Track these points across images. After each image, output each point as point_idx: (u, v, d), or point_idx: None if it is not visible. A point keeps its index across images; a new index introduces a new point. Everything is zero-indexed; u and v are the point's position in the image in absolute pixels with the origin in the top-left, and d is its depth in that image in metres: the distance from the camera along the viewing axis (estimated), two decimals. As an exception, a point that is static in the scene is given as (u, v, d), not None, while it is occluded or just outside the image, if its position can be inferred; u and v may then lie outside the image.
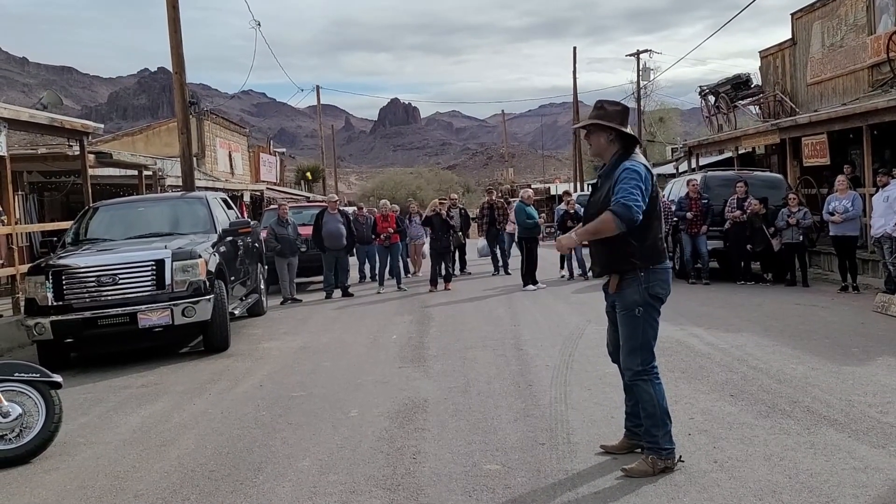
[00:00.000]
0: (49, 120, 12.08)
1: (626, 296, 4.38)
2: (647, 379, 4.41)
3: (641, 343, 4.41)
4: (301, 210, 18.18)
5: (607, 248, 4.39)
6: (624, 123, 4.48)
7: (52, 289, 8.33)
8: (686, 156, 24.62)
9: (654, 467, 4.32)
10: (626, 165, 4.33)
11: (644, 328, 4.40)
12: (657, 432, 4.37)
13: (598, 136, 4.50)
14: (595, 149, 4.59)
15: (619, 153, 4.44)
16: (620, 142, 4.47)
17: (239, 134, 35.55)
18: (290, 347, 9.29)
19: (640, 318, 4.37)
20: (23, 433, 5.36)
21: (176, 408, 6.61)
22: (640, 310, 4.35)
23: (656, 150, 42.39)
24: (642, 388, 4.42)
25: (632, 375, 4.46)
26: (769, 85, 22.31)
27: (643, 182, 4.28)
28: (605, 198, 4.35)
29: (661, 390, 4.45)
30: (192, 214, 10.43)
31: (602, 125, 4.46)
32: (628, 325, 4.42)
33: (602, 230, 4.26)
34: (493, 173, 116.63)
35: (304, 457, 5.02)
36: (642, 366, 4.41)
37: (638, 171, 4.29)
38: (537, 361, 7.54)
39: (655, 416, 4.38)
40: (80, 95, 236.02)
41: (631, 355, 4.43)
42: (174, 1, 14.49)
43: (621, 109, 4.51)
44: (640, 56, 38.93)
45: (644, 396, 4.41)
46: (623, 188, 4.22)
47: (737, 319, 9.61)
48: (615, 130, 4.45)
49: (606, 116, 4.46)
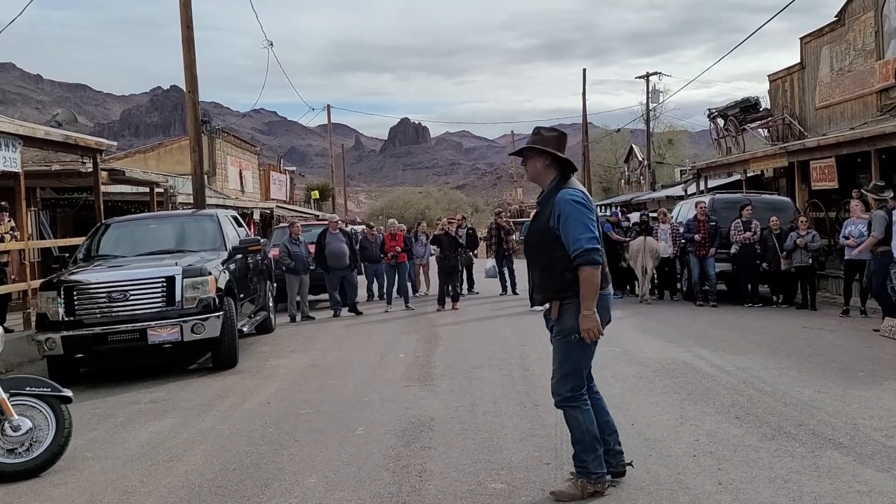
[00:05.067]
0: (63, 137, 12.22)
1: (565, 321, 4.33)
2: (575, 405, 4.38)
3: (574, 369, 4.39)
4: (310, 228, 18.26)
5: (548, 276, 4.37)
6: (560, 149, 4.45)
7: (63, 304, 8.40)
8: (695, 178, 24.68)
9: (584, 491, 4.32)
10: (567, 197, 4.28)
11: (578, 354, 4.37)
12: (587, 457, 4.35)
13: (535, 162, 4.48)
14: (531, 174, 4.55)
15: (557, 179, 4.43)
16: (557, 167, 4.45)
17: (250, 152, 35.80)
18: (297, 365, 9.33)
19: (574, 345, 4.33)
20: (33, 447, 5.40)
21: (184, 424, 6.65)
22: (577, 336, 4.30)
23: (665, 172, 42.43)
24: (571, 414, 4.39)
25: (560, 401, 4.43)
26: (778, 108, 22.37)
27: (589, 211, 4.28)
28: (546, 226, 4.33)
29: (591, 416, 4.40)
30: (203, 232, 10.52)
31: (538, 150, 4.45)
32: (562, 351, 4.40)
33: (595, 283, 4.20)
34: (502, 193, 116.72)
35: (311, 474, 5.05)
36: (571, 392, 4.38)
37: (577, 202, 4.26)
38: (543, 382, 7.50)
39: (585, 442, 4.35)
40: (94, 113, 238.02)
41: (561, 381, 4.41)
42: (188, 21, 14.69)
43: (558, 135, 4.49)
44: (650, 78, 39.03)
45: (573, 423, 4.39)
46: (572, 228, 4.20)
47: (744, 342, 9.61)
48: (551, 156, 4.43)
49: (543, 142, 4.45)
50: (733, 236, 13.87)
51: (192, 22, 14.74)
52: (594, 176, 48.10)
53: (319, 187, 53.81)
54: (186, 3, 14.65)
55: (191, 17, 14.71)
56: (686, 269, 14.68)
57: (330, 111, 48.79)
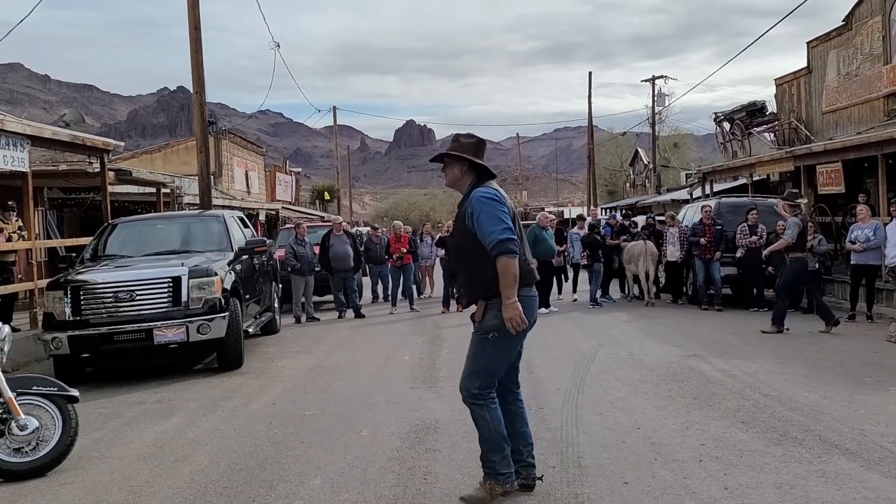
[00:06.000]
0: (71, 137, 12.26)
1: (487, 319, 4.33)
2: (482, 404, 4.37)
3: (485, 367, 4.37)
4: (316, 229, 18.28)
5: (472, 277, 4.41)
6: (478, 155, 4.47)
7: (70, 304, 8.42)
8: (700, 182, 24.63)
9: (493, 493, 4.32)
10: (478, 195, 4.32)
11: (492, 354, 4.35)
12: (494, 457, 4.34)
13: (453, 168, 4.51)
14: (450, 180, 4.58)
15: (473, 184, 4.45)
16: (474, 173, 4.47)
17: (255, 153, 35.84)
18: (302, 366, 9.35)
19: (490, 343, 4.32)
20: (39, 446, 5.42)
21: (189, 424, 6.67)
22: (495, 335, 4.30)
23: (670, 176, 42.37)
24: (477, 412, 4.38)
25: (467, 397, 4.41)
26: (784, 112, 22.33)
27: (500, 203, 4.28)
28: (464, 228, 4.35)
29: (498, 415, 4.38)
30: (209, 232, 10.53)
31: (456, 156, 4.47)
32: (477, 346, 4.40)
33: (514, 273, 4.18)
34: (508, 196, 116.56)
35: (316, 475, 5.06)
36: (479, 390, 4.37)
37: (488, 197, 4.29)
38: (549, 385, 7.55)
39: (492, 441, 4.35)
40: (100, 113, 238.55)
41: (470, 377, 4.41)
42: (196, 22, 14.72)
43: (476, 142, 4.52)
44: (656, 81, 38.96)
45: (480, 422, 4.38)
46: (486, 221, 4.22)
47: (749, 346, 9.60)
48: (468, 162, 4.45)
49: (460, 148, 4.49)
50: (739, 240, 13.85)
51: (200, 23, 14.78)
52: (599, 179, 48.07)
53: (325, 189, 53.86)
54: (194, 5, 14.69)
55: (199, 18, 14.74)
56: (691, 272, 14.66)
57: (336, 113, 48.80)
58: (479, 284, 4.34)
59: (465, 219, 4.36)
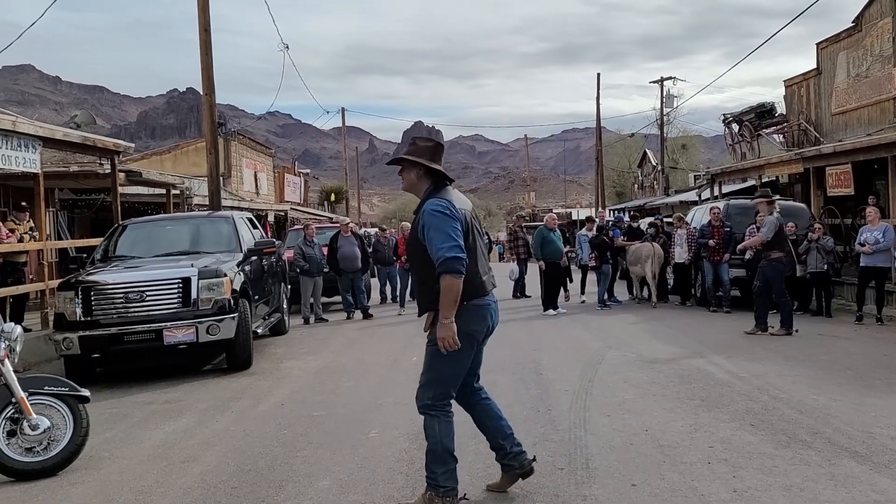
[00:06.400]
0: (82, 139, 12.33)
1: (437, 330, 4.31)
2: (434, 415, 4.33)
3: (438, 378, 4.35)
4: (324, 230, 18.33)
5: (422, 286, 4.41)
6: (435, 159, 4.36)
7: (80, 304, 8.47)
8: (709, 183, 24.58)
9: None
10: (429, 208, 4.22)
11: (445, 363, 4.30)
12: (437, 469, 4.30)
13: (409, 173, 4.39)
14: (406, 184, 4.48)
15: (430, 189, 4.36)
16: (430, 178, 4.38)
17: (264, 154, 35.97)
18: (311, 367, 9.37)
19: (442, 354, 4.28)
20: (50, 446, 5.46)
21: (199, 424, 6.70)
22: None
23: (679, 177, 42.27)
24: (428, 422, 4.34)
25: (421, 407, 4.39)
26: (793, 114, 22.27)
27: (451, 219, 4.17)
28: (416, 237, 4.30)
29: (449, 429, 4.34)
30: (218, 233, 10.58)
31: (412, 161, 4.35)
32: (429, 358, 4.38)
33: (455, 292, 4.14)
34: (515, 197, 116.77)
35: (325, 476, 5.08)
36: (432, 400, 4.34)
37: (439, 211, 4.18)
38: (556, 386, 7.56)
39: (437, 453, 4.30)
40: (111, 114, 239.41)
41: (425, 387, 4.39)
42: (206, 25, 14.79)
43: (433, 146, 4.38)
44: (664, 83, 38.88)
45: (428, 431, 4.34)
46: (436, 237, 4.13)
47: (758, 348, 9.58)
48: (424, 167, 4.35)
49: (416, 152, 4.35)
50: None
51: (210, 25, 14.84)
52: (607, 180, 47.97)
53: (333, 190, 53.97)
54: (204, 7, 14.75)
55: (208, 20, 14.81)
56: (700, 274, 14.64)
57: (344, 114, 48.84)
58: (429, 296, 4.31)
59: (417, 229, 4.29)
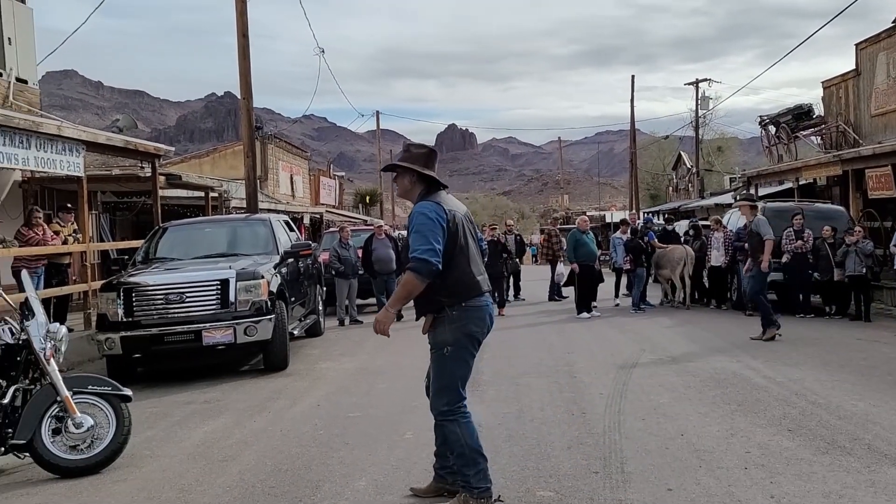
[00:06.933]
0: (124, 143, 12.58)
1: (437, 335, 4.38)
2: (453, 419, 4.38)
3: (448, 383, 4.39)
4: (359, 233, 18.45)
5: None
6: (428, 165, 4.48)
7: (122, 305, 8.64)
8: (745, 186, 24.30)
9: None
10: (416, 211, 4.37)
11: (452, 367, 4.38)
12: (469, 471, 4.33)
13: (403, 179, 4.53)
14: (401, 190, 4.62)
15: (423, 195, 4.46)
16: (423, 184, 4.48)
17: (300, 157, 36.29)
18: (346, 368, 9.46)
19: (447, 358, 4.35)
20: (94, 444, 5.57)
21: (237, 424, 6.81)
22: (449, 349, 4.34)
23: (714, 180, 41.82)
24: (449, 428, 4.39)
25: (437, 415, 4.43)
26: (832, 115, 21.92)
27: (434, 222, 4.27)
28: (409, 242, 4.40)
29: (471, 429, 4.39)
30: (256, 236, 10.72)
31: (405, 167, 4.48)
32: (436, 364, 4.43)
33: (409, 291, 4.27)
34: (548, 200, 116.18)
35: (361, 476, 5.14)
36: (448, 406, 4.38)
37: (424, 214, 4.30)
38: (591, 390, 7.55)
39: (465, 456, 4.34)
40: (150, 118, 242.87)
41: (437, 395, 4.43)
42: (244, 30, 15.00)
43: (426, 152, 4.53)
44: (699, 85, 38.51)
45: (451, 437, 4.38)
46: (414, 239, 4.26)
47: (795, 353, 9.47)
48: (417, 172, 4.46)
49: (409, 158, 4.50)
50: (785, 245, 13.66)
51: (248, 30, 15.05)
52: (641, 183, 47.61)
53: (368, 193, 54.27)
54: (242, 13, 14.96)
55: (246, 25, 15.02)
56: (735, 278, 14.49)
57: (378, 117, 49.09)
58: (424, 297, 4.37)
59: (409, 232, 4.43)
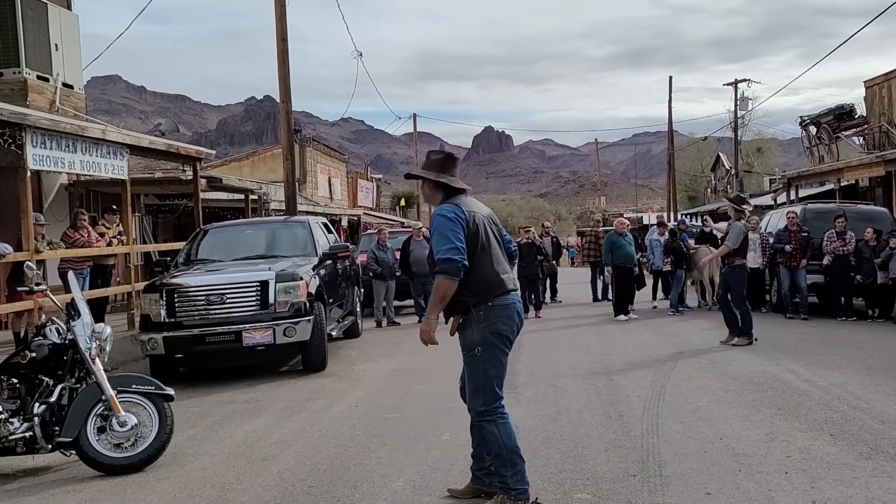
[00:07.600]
0: (166, 146, 12.83)
1: (466, 335, 4.42)
2: (490, 419, 4.37)
3: (483, 383, 4.39)
4: (397, 235, 18.56)
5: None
6: (444, 171, 4.54)
7: (165, 306, 8.80)
8: (784, 187, 23.93)
9: None
10: (435, 214, 4.47)
11: (485, 367, 4.38)
12: (506, 472, 4.32)
13: (425, 185, 4.64)
14: (425, 196, 4.78)
15: (443, 198, 4.53)
16: (442, 189, 4.55)
17: (338, 160, 36.55)
18: (384, 369, 9.53)
19: (479, 358, 4.37)
20: (137, 442, 5.67)
21: (276, 424, 6.90)
22: (480, 349, 4.36)
23: (753, 181, 41.20)
24: (486, 428, 4.38)
25: (475, 416, 4.44)
26: (874, 115, 21.49)
27: (453, 223, 4.33)
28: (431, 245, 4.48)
29: (508, 430, 4.38)
30: (295, 238, 10.84)
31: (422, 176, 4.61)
32: (469, 365, 4.45)
33: (444, 293, 4.31)
34: (585, 202, 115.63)
35: (399, 477, 5.18)
36: (485, 406, 4.38)
37: (443, 215, 4.38)
38: (629, 392, 7.51)
39: (503, 457, 4.33)
40: (192, 122, 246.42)
41: (473, 396, 4.43)
42: (283, 34, 15.20)
43: (442, 158, 4.60)
44: (738, 85, 37.97)
45: (489, 437, 4.37)
46: (436, 241, 4.34)
47: (837, 356, 9.32)
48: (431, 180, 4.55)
49: (427, 166, 4.60)
50: (826, 247, 13.44)
51: (287, 35, 15.23)
52: (679, 184, 47.12)
53: (405, 195, 54.46)
54: (281, 17, 15.16)
55: (286, 30, 15.21)
56: (776, 280, 14.30)
57: (416, 120, 49.23)
58: (451, 301, 4.41)
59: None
